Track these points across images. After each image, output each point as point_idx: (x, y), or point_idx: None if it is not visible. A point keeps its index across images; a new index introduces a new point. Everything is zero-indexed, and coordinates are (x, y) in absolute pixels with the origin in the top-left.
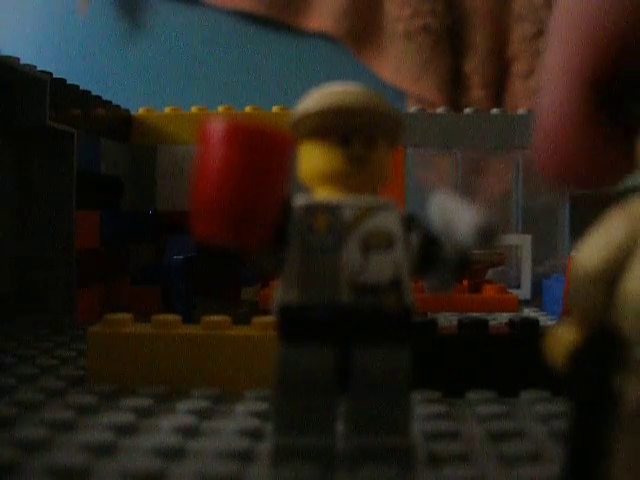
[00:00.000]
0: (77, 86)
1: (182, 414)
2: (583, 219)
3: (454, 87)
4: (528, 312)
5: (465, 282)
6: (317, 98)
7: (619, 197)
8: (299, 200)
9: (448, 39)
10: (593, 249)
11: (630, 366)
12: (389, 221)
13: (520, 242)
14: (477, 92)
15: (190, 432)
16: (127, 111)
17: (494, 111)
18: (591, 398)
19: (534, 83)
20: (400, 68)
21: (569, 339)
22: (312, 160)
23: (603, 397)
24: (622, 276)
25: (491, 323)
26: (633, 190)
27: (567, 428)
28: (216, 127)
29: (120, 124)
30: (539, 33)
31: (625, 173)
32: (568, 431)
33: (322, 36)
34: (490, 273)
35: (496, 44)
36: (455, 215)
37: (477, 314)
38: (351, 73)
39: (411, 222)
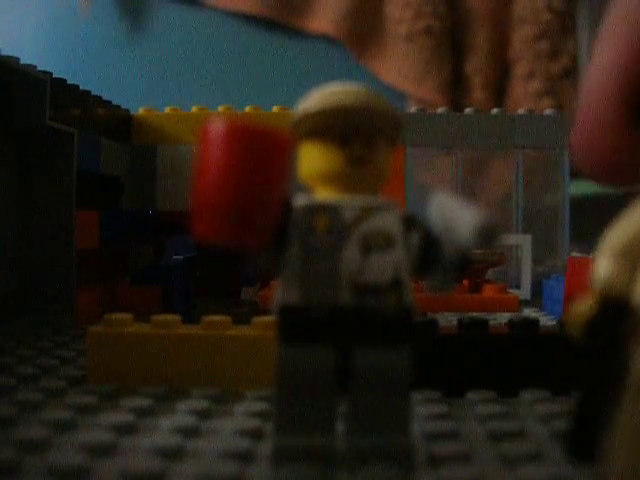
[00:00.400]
0: (77, 86)
1: (182, 414)
2: (583, 219)
3: (455, 89)
4: (528, 312)
5: (465, 282)
6: (317, 98)
7: None
8: (299, 200)
9: (449, 41)
10: (619, 230)
11: None
12: (389, 221)
13: (520, 242)
14: (478, 94)
15: (190, 432)
16: (127, 111)
17: (494, 111)
18: (602, 366)
19: (535, 86)
20: (401, 70)
21: (587, 309)
22: (312, 160)
23: (613, 366)
24: None
25: (491, 323)
26: None
27: (577, 394)
28: (216, 127)
29: (120, 124)
30: (540, 35)
31: None
32: (577, 397)
33: (323, 38)
34: (490, 273)
35: (497, 46)
36: (455, 215)
37: (477, 314)
38: (352, 75)
39: (411, 222)
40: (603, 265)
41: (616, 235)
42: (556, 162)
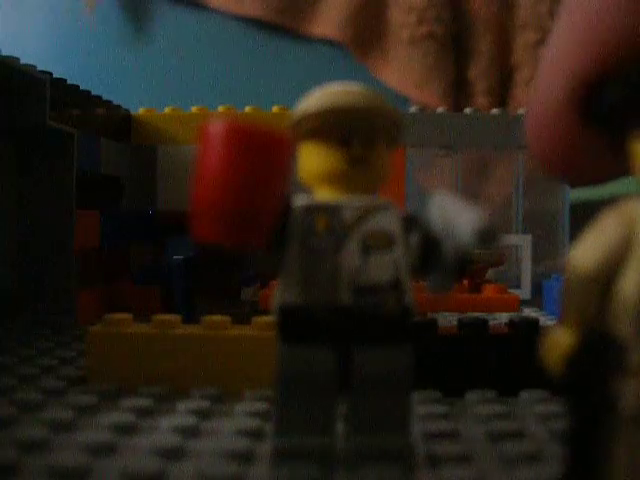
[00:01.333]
0: (77, 86)
1: (182, 414)
2: (583, 220)
3: (458, 94)
4: (528, 312)
5: (465, 282)
6: (317, 98)
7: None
8: (299, 200)
9: (452, 46)
10: (587, 251)
11: (627, 370)
12: (389, 221)
13: (520, 242)
14: (481, 99)
15: (190, 432)
16: (127, 111)
17: (494, 111)
18: (588, 402)
19: None
20: (404, 74)
21: (564, 343)
22: (312, 160)
23: (600, 401)
24: (616, 278)
25: (491, 323)
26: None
27: (565, 431)
28: (216, 128)
29: (120, 124)
30: (543, 41)
31: (613, 175)
32: (566, 434)
33: (326, 41)
34: (490, 273)
35: (500, 51)
36: (455, 215)
37: (477, 314)
38: (355, 79)
39: (411, 222)
40: (574, 292)
41: (586, 257)
42: None
